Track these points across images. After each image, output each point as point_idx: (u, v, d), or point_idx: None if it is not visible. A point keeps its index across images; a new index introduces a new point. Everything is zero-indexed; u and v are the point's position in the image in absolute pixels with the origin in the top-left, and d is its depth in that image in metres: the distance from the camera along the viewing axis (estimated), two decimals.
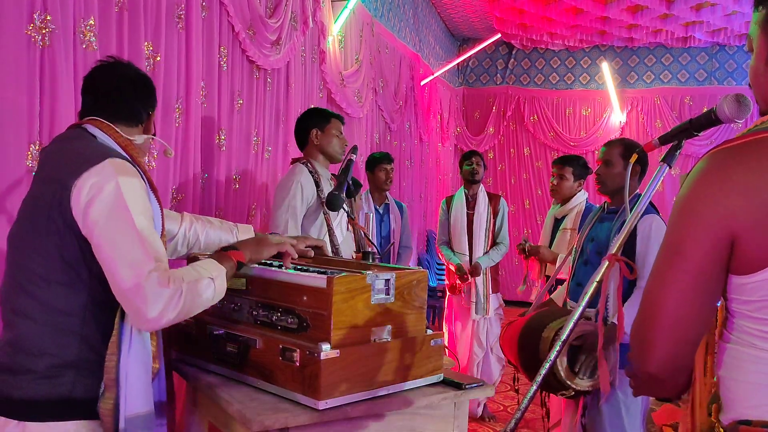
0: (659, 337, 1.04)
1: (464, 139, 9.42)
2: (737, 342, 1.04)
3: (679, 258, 1.02)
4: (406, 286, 1.70)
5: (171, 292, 1.35)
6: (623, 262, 1.36)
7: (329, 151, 2.87)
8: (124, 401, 1.38)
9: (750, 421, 1.00)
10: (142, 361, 1.43)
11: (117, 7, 2.45)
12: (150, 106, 1.66)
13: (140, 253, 1.35)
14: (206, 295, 1.45)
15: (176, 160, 2.86)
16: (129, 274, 1.33)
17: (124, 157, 1.48)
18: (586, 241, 2.72)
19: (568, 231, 3.84)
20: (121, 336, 1.41)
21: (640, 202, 1.42)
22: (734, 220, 0.98)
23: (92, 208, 1.36)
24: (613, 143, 2.77)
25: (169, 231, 1.85)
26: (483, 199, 4.48)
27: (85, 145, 1.49)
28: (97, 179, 1.38)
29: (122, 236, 1.35)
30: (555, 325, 2.21)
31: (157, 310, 1.33)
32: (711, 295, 1.03)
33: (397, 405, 1.63)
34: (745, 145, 1.02)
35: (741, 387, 1.02)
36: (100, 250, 1.37)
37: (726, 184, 0.99)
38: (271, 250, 1.70)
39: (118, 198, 1.37)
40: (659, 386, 1.10)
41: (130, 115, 1.61)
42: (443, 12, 8.34)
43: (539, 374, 1.28)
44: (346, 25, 4.77)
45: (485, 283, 4.42)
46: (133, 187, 1.41)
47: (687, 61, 8.73)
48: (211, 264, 1.51)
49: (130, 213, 1.37)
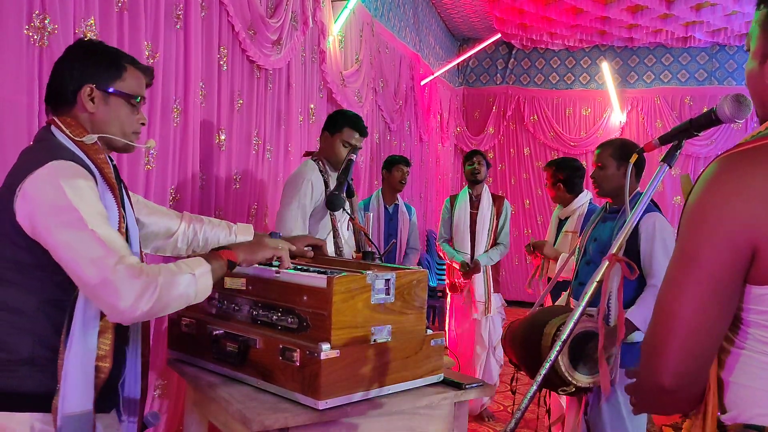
0: (673, 349, 1.00)
1: (464, 139, 9.42)
2: (750, 349, 1.01)
3: (695, 266, 0.98)
4: (406, 286, 1.70)
5: (143, 283, 1.33)
6: (623, 262, 1.36)
7: (330, 156, 2.81)
8: (61, 400, 1.38)
9: (763, 427, 0.98)
10: (82, 361, 1.40)
11: (117, 7, 2.46)
12: (86, 76, 1.50)
13: (100, 249, 1.32)
14: (185, 290, 1.41)
15: (174, 160, 2.85)
16: (93, 271, 1.31)
17: (74, 156, 1.43)
18: (589, 241, 2.73)
19: (570, 233, 3.83)
20: (67, 335, 1.40)
21: (639, 203, 1.41)
22: (756, 229, 0.94)
23: (37, 213, 1.34)
24: (604, 145, 2.77)
25: (168, 229, 1.85)
26: (487, 199, 4.51)
27: (39, 148, 1.46)
28: (38, 184, 1.35)
29: (76, 238, 1.32)
30: (557, 321, 2.21)
31: (130, 300, 1.31)
32: (728, 304, 1.00)
33: (397, 405, 1.63)
34: (756, 150, 0.99)
35: (752, 393, 1.00)
36: (57, 254, 1.35)
37: (743, 189, 0.96)
38: (266, 253, 1.64)
39: (64, 201, 1.33)
40: (669, 399, 1.05)
41: (58, 97, 1.52)
42: (443, 12, 8.34)
43: (540, 374, 1.28)
44: (346, 25, 4.77)
45: (486, 282, 4.43)
46: (78, 187, 1.36)
47: (687, 61, 8.72)
48: (196, 261, 1.48)
49: (80, 214, 1.33)
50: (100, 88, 1.51)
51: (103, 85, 1.51)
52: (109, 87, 1.52)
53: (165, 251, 1.88)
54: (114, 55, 1.57)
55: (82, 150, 1.47)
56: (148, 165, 2.67)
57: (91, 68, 1.51)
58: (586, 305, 1.31)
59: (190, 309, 1.97)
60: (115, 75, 1.53)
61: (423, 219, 7.46)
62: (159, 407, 2.81)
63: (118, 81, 1.53)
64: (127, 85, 1.55)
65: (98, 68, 1.52)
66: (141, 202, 1.83)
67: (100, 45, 1.58)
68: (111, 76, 1.53)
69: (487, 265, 4.41)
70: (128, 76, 1.55)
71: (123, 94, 1.54)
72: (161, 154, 2.75)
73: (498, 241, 4.48)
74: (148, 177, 2.68)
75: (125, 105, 1.55)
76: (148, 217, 1.80)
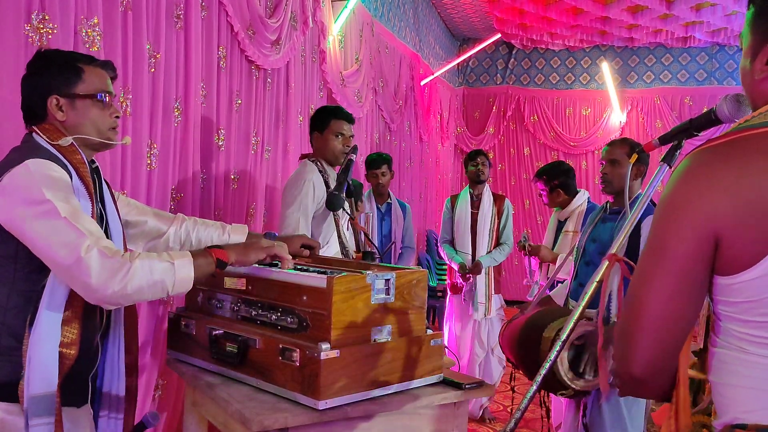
0: (642, 338, 1.02)
1: (464, 139, 9.42)
2: (725, 346, 1.02)
3: (662, 257, 1.01)
4: (406, 286, 1.70)
5: (116, 263, 1.37)
6: (623, 262, 1.36)
7: (326, 154, 2.81)
8: (27, 382, 1.41)
9: (745, 425, 0.99)
10: (45, 347, 1.43)
11: (122, 6, 2.46)
12: (48, 87, 1.55)
13: (73, 233, 1.36)
14: (161, 276, 1.43)
15: (175, 160, 2.85)
16: (66, 252, 1.36)
17: (51, 155, 1.48)
18: (588, 241, 2.72)
19: (570, 233, 3.82)
20: (32, 324, 1.43)
21: (639, 203, 1.41)
22: (718, 219, 0.97)
23: (13, 207, 1.40)
24: (617, 143, 2.75)
25: (158, 229, 1.88)
26: (488, 199, 4.48)
27: (20, 148, 1.52)
28: (14, 180, 1.41)
29: (51, 227, 1.37)
30: (556, 325, 2.20)
31: (102, 279, 1.35)
32: (695, 295, 1.01)
33: (397, 405, 1.63)
34: (728, 144, 1.01)
35: (733, 391, 1.01)
36: (33, 243, 1.40)
37: (710, 182, 0.98)
38: (260, 254, 1.65)
39: (38, 194, 1.38)
40: (642, 388, 1.08)
41: (31, 113, 1.58)
42: (443, 12, 8.34)
43: (539, 374, 1.28)
44: (346, 25, 4.77)
45: (487, 283, 4.40)
46: (53, 180, 1.42)
47: (687, 61, 8.73)
48: (180, 253, 1.51)
49: (53, 205, 1.37)
50: (64, 96, 1.55)
51: (65, 92, 1.55)
52: (72, 92, 1.56)
53: (157, 250, 1.89)
54: (69, 58, 1.60)
55: (60, 152, 1.52)
56: (150, 166, 2.67)
57: (50, 79, 1.55)
58: (585, 307, 1.31)
59: (189, 309, 1.98)
60: (74, 79, 1.57)
61: (423, 219, 7.46)
62: (159, 407, 2.81)
63: (79, 84, 1.57)
64: (90, 85, 1.57)
65: (57, 77, 1.55)
66: (131, 203, 1.87)
67: (55, 53, 1.62)
68: (71, 81, 1.56)
69: (489, 266, 4.39)
70: (88, 76, 1.58)
71: (87, 96, 1.57)
72: (163, 155, 2.75)
73: (501, 241, 4.45)
74: (150, 177, 2.68)
75: (93, 105, 1.59)
76: (136, 217, 1.84)
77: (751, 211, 0.95)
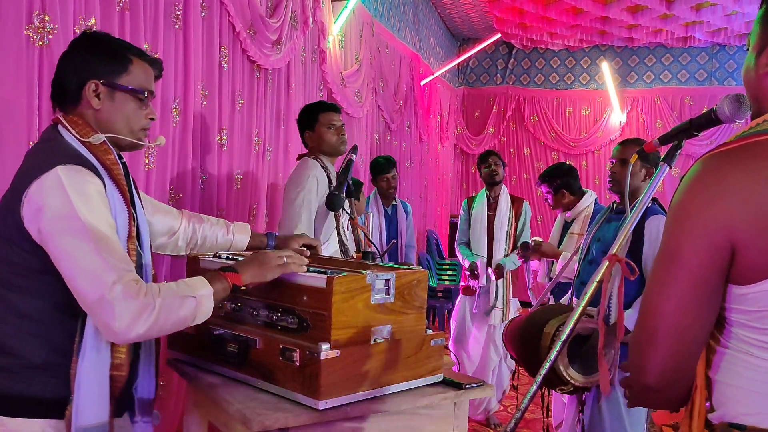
0: (657, 348, 1.01)
1: (464, 139, 9.42)
2: (733, 348, 1.01)
3: (676, 265, 0.99)
4: (406, 286, 1.70)
5: (140, 305, 1.29)
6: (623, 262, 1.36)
7: (324, 148, 2.81)
8: (75, 411, 1.34)
9: (744, 426, 0.98)
10: (96, 372, 1.37)
11: (119, 7, 2.46)
12: (90, 71, 1.43)
13: (99, 264, 1.28)
14: (185, 313, 1.37)
15: (174, 160, 2.86)
16: (90, 287, 1.28)
17: (82, 158, 1.38)
18: (593, 241, 2.72)
19: (576, 235, 3.78)
20: (80, 343, 1.36)
21: (639, 202, 1.42)
22: (732, 227, 0.95)
23: (42, 220, 1.30)
24: (629, 142, 2.74)
25: (170, 227, 1.84)
26: (505, 201, 4.36)
27: (45, 149, 1.41)
28: (44, 190, 1.31)
29: (77, 249, 1.28)
30: (556, 321, 2.21)
31: (125, 322, 1.28)
32: (711, 303, 1.00)
33: (397, 405, 1.63)
34: (741, 149, 0.99)
35: (736, 392, 1.01)
36: (59, 263, 1.32)
37: (724, 188, 0.96)
38: (275, 273, 1.59)
39: (68, 209, 1.29)
40: (656, 398, 1.06)
41: (62, 94, 1.45)
42: (443, 12, 8.34)
43: (539, 374, 1.28)
44: (346, 25, 4.77)
45: (506, 286, 4.28)
46: (85, 194, 1.32)
47: (687, 61, 8.72)
48: (200, 282, 1.44)
49: (83, 223, 1.29)
50: (106, 84, 1.44)
51: (108, 80, 1.44)
52: (114, 82, 1.45)
53: (166, 249, 1.87)
54: (120, 47, 1.49)
55: (90, 151, 1.41)
56: (148, 165, 2.67)
57: (95, 62, 1.44)
58: (585, 305, 1.31)
59: None
60: (120, 69, 1.45)
61: (423, 219, 7.46)
62: (159, 407, 2.81)
63: (124, 75, 1.46)
64: (134, 79, 1.47)
65: (103, 62, 1.44)
66: (147, 199, 1.79)
67: (106, 37, 1.52)
68: (116, 70, 1.45)
69: (509, 270, 4.26)
70: (135, 69, 1.47)
71: (130, 89, 1.46)
72: (160, 155, 2.75)
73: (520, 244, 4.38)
74: (148, 177, 2.68)
75: (132, 100, 1.48)
76: (152, 216, 1.77)
77: (764, 219, 0.93)
